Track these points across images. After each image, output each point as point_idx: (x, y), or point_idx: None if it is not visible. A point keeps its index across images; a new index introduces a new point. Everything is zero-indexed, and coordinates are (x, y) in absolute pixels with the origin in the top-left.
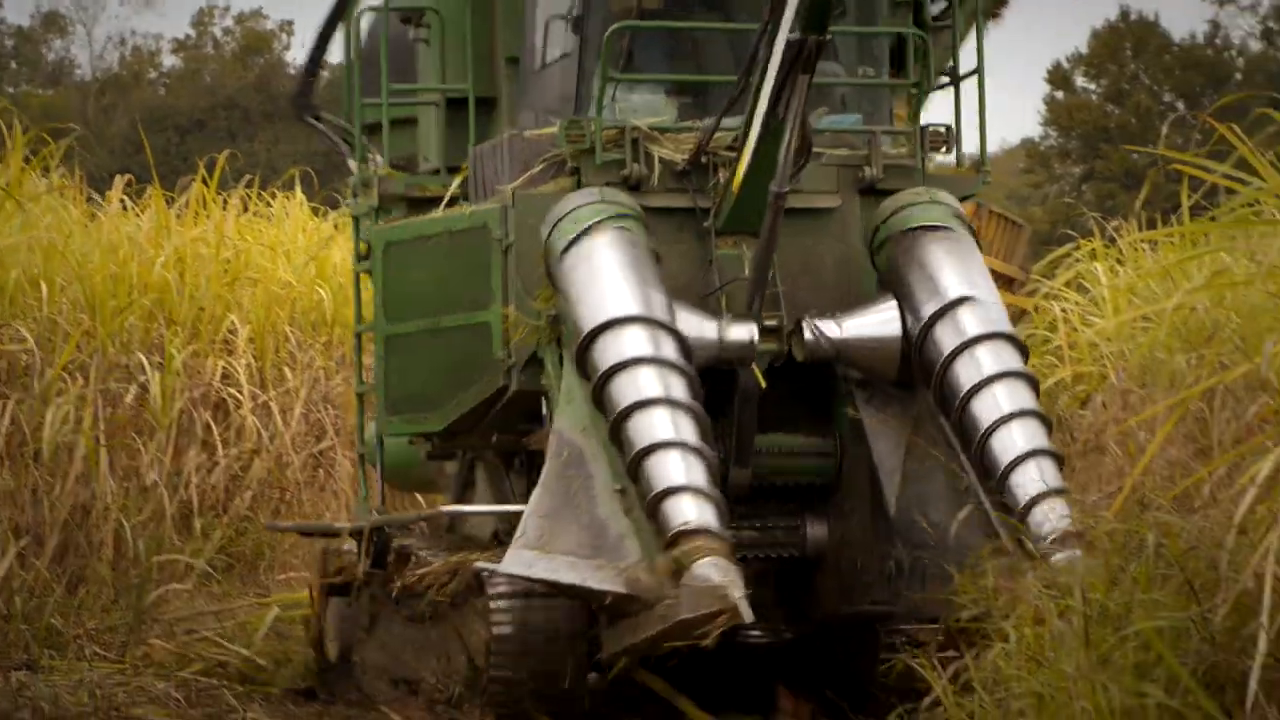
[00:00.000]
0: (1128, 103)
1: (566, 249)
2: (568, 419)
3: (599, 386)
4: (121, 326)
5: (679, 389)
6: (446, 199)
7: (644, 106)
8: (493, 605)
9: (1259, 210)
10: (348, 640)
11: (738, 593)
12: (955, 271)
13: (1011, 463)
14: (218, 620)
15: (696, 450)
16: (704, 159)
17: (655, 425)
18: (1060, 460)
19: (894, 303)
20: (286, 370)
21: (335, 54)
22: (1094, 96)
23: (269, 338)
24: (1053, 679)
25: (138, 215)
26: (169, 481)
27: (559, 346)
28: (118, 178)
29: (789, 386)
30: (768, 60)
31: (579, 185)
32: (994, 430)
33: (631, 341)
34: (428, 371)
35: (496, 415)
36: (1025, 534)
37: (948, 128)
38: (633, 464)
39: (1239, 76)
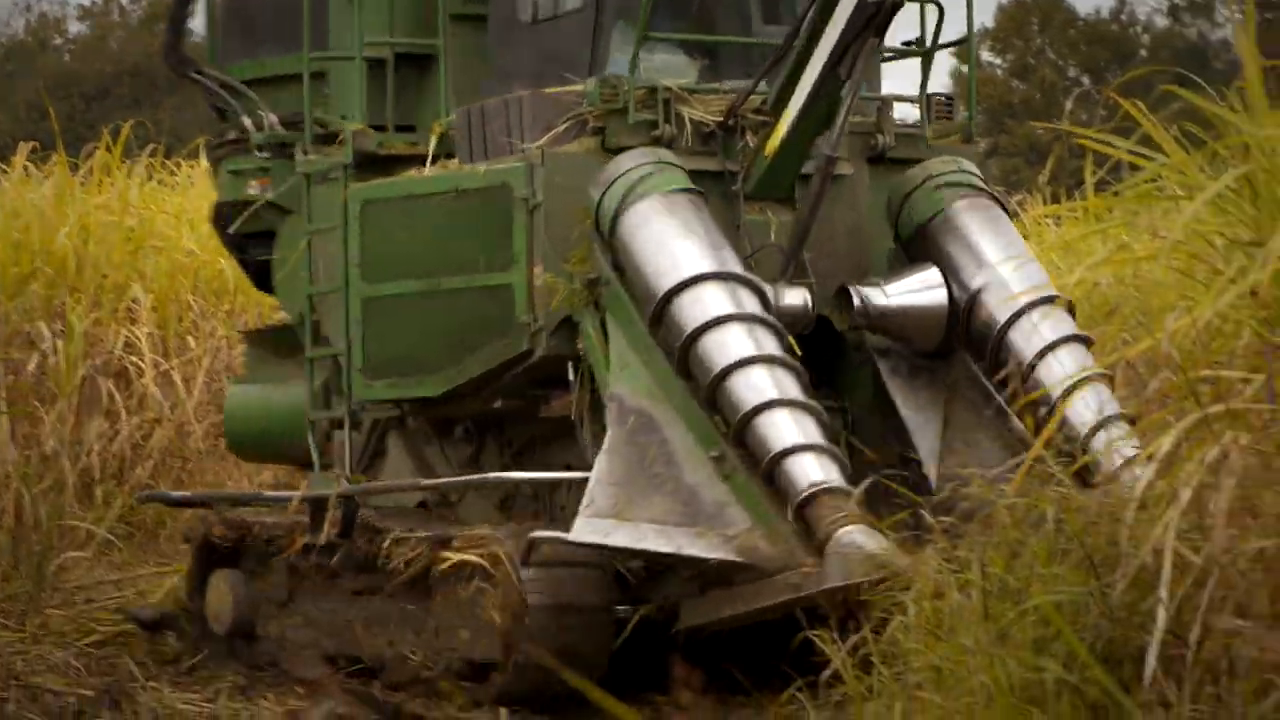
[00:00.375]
0: (1033, 78)
1: (625, 212)
2: (627, 385)
3: (684, 349)
4: (24, 294)
5: (771, 344)
6: (430, 158)
7: (666, 66)
8: (530, 576)
9: (1161, 186)
10: (246, 614)
11: (894, 557)
12: (996, 241)
13: (1092, 428)
14: (118, 589)
15: (805, 406)
16: (731, 122)
17: (757, 384)
18: (1133, 422)
19: (936, 271)
20: (189, 339)
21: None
22: (999, 71)
23: (172, 306)
24: (951, 653)
25: (41, 183)
26: (70, 449)
27: (597, 310)
28: (22, 144)
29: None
30: (822, 22)
31: (604, 145)
32: (1067, 395)
33: (714, 299)
34: (421, 335)
35: (509, 380)
36: None
37: (948, 96)
38: (739, 427)
39: (1144, 53)
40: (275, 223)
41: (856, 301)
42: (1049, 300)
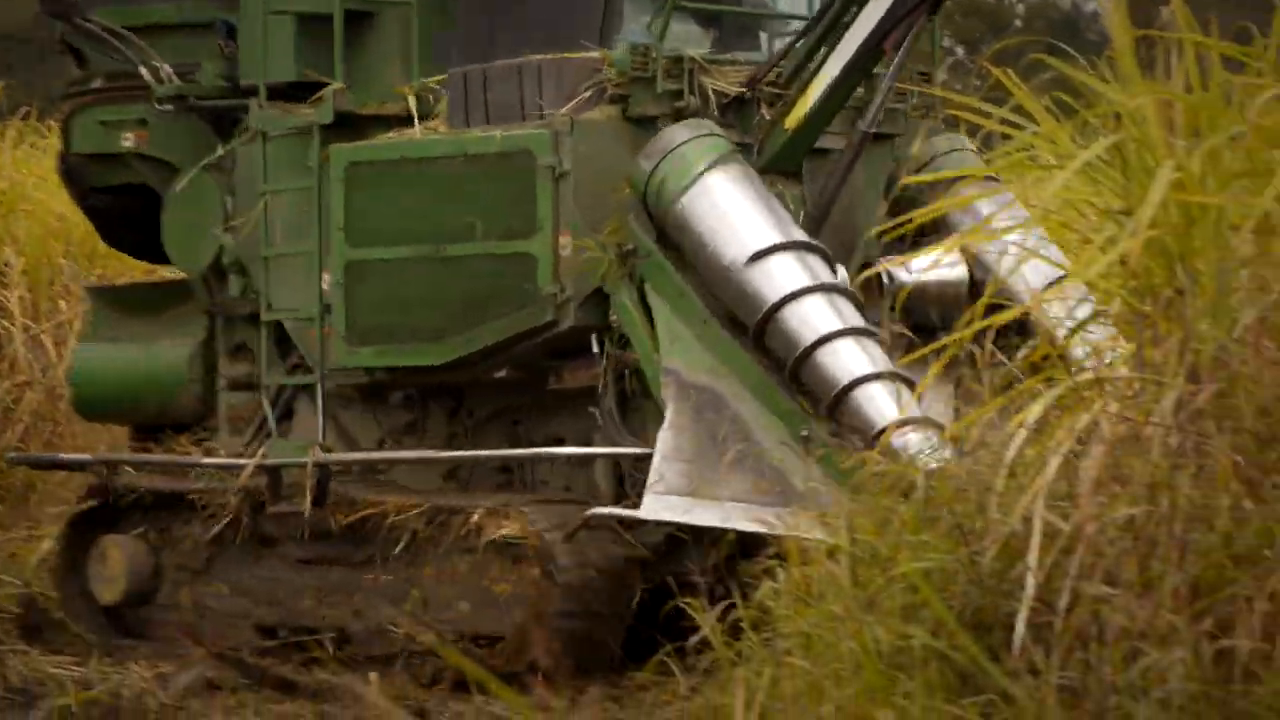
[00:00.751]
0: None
1: (689, 184)
2: (682, 360)
3: (763, 323)
4: None
5: (852, 314)
6: (419, 122)
7: (681, 36)
8: (567, 551)
9: (1034, 156)
10: (144, 582)
11: None
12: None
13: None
14: None
15: (898, 376)
16: (748, 94)
17: (848, 358)
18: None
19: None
20: (61, 302)
21: None
22: None
23: (43, 270)
24: (820, 619)
25: None
26: None
27: (632, 282)
28: None
29: None
30: None
31: (625, 115)
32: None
33: (788, 273)
34: (421, 302)
35: (522, 351)
36: None
37: (924, 70)
38: (834, 403)
39: (1019, 23)
40: (151, 177)
41: (886, 280)
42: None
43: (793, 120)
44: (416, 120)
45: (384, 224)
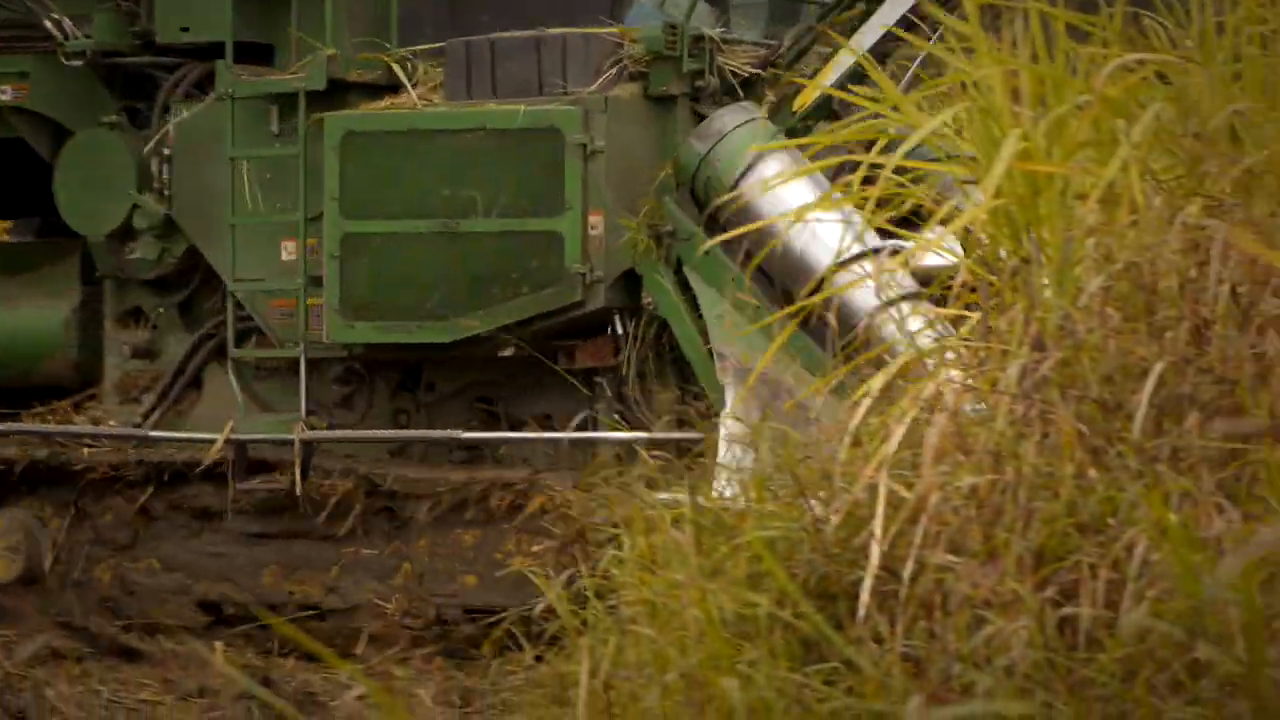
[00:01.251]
0: None
1: (749, 170)
2: (734, 343)
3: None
4: None
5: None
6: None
7: (697, 16)
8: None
9: (880, 125)
10: (37, 560)
11: None
12: None
13: None
14: None
15: None
16: (757, 75)
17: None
18: None
19: None
20: None
21: None
22: None
23: None
24: (664, 587)
25: None
26: None
27: (669, 264)
28: None
29: None
30: None
31: (646, 92)
32: None
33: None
34: (429, 278)
35: (538, 329)
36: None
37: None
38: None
39: None
40: (29, 133)
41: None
42: None
43: (800, 103)
44: (412, 91)
45: (385, 196)
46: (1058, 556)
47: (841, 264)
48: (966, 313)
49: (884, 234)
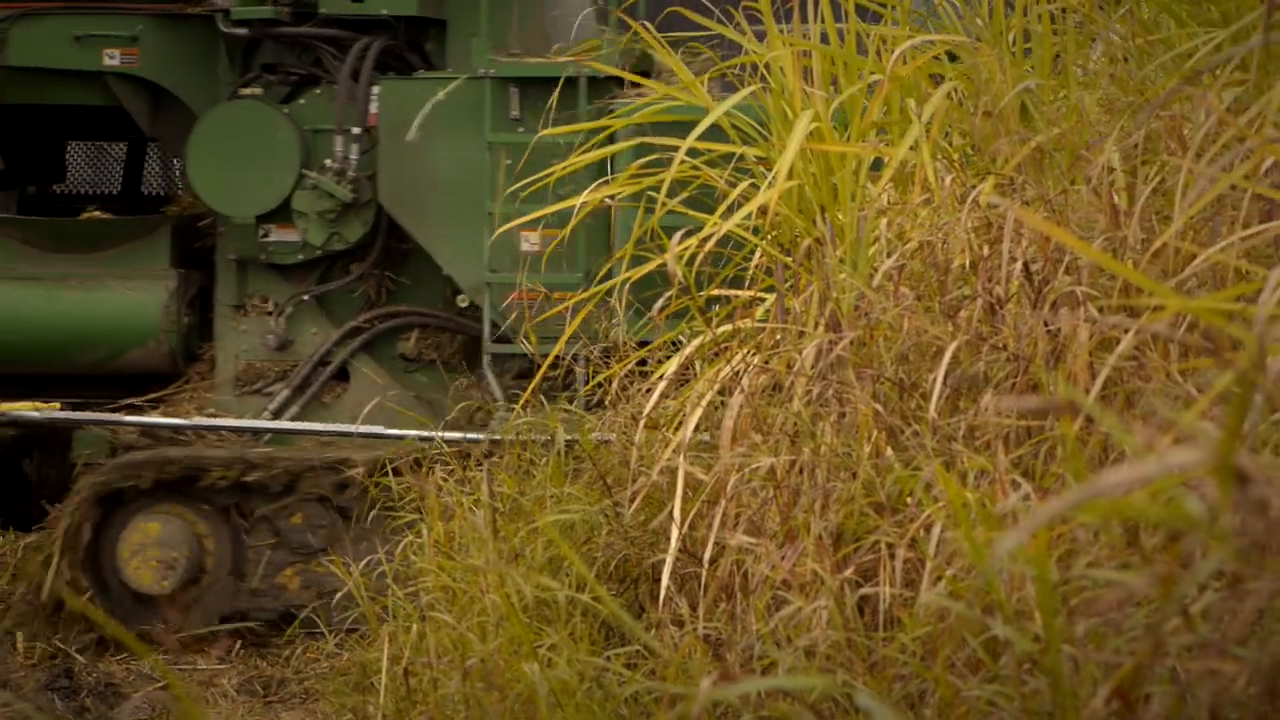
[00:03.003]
0: None
1: None
2: None
3: None
4: None
5: None
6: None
7: None
8: None
9: (672, 109)
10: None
11: None
12: None
13: None
14: None
15: None
16: None
17: None
18: None
19: None
20: None
21: None
22: None
23: None
24: (463, 573)
25: None
26: None
27: None
28: None
29: None
30: None
31: None
32: None
33: None
34: None
35: None
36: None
37: None
38: None
39: None
40: (132, 101)
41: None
42: None
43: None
44: (702, 83)
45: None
46: (856, 536)
47: None
48: (762, 294)
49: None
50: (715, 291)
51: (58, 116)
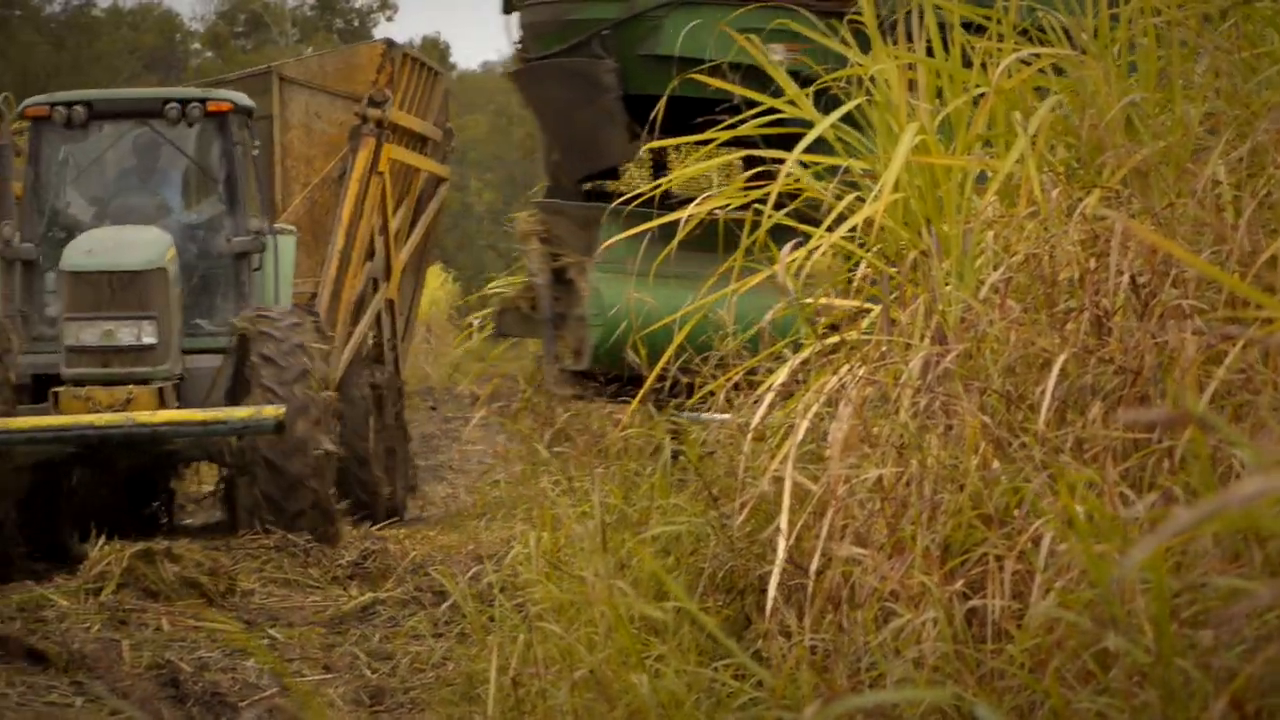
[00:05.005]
0: None
1: None
2: None
3: None
4: None
5: None
6: None
7: None
8: None
9: (779, 120)
10: None
11: None
12: None
13: None
14: None
15: None
16: None
17: None
18: None
19: None
20: None
21: None
22: None
23: None
24: (572, 585)
25: None
26: None
27: None
28: None
29: None
30: None
31: None
32: None
33: None
34: None
35: None
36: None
37: None
38: None
39: None
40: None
41: None
42: None
43: None
44: None
45: None
46: (964, 548)
47: None
48: (868, 305)
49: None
50: (822, 302)
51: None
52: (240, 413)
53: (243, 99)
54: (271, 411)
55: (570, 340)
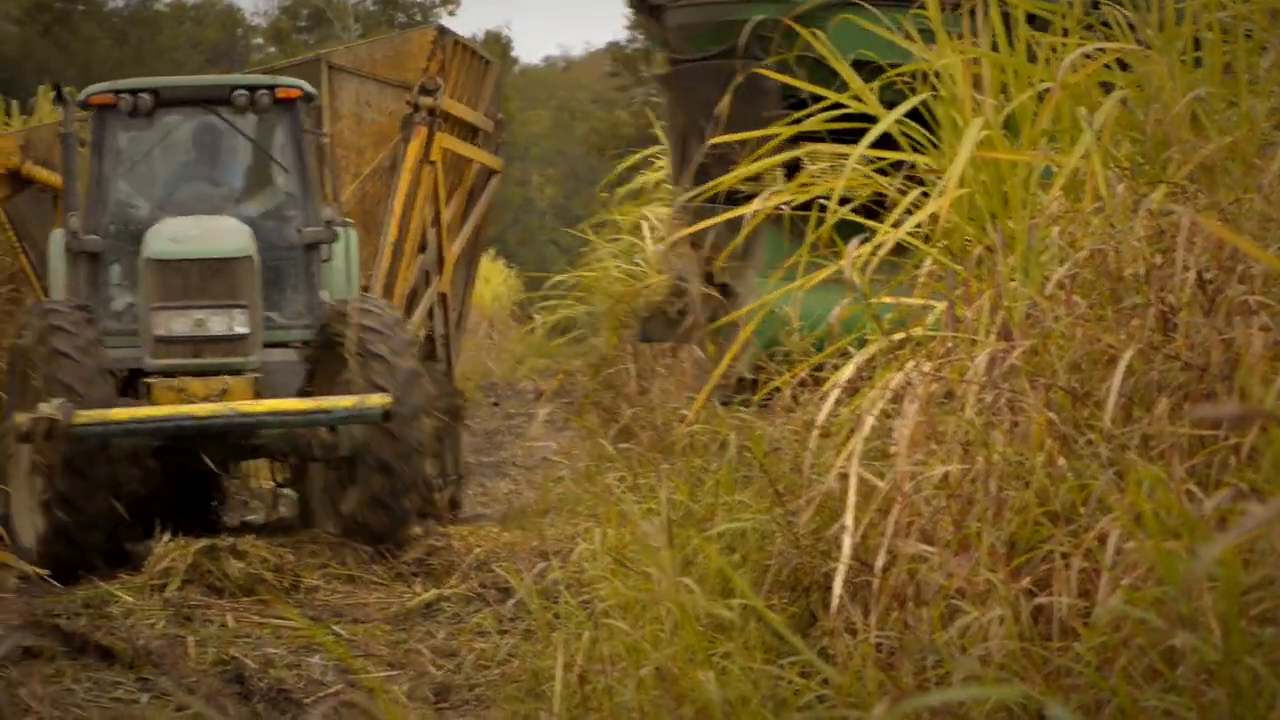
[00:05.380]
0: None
1: None
2: None
3: None
4: None
5: None
6: None
7: None
8: None
9: (842, 115)
10: None
11: None
12: None
13: None
14: None
15: None
16: None
17: None
18: None
19: None
20: None
21: None
22: None
23: None
24: (637, 581)
25: None
26: None
27: None
28: None
29: None
30: None
31: None
32: None
33: None
34: None
35: None
36: None
37: None
38: None
39: None
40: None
41: None
42: None
43: None
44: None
45: None
46: (1030, 546)
47: None
48: (933, 302)
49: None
50: (886, 300)
51: None
52: (344, 402)
53: (308, 86)
54: (378, 400)
55: (726, 346)
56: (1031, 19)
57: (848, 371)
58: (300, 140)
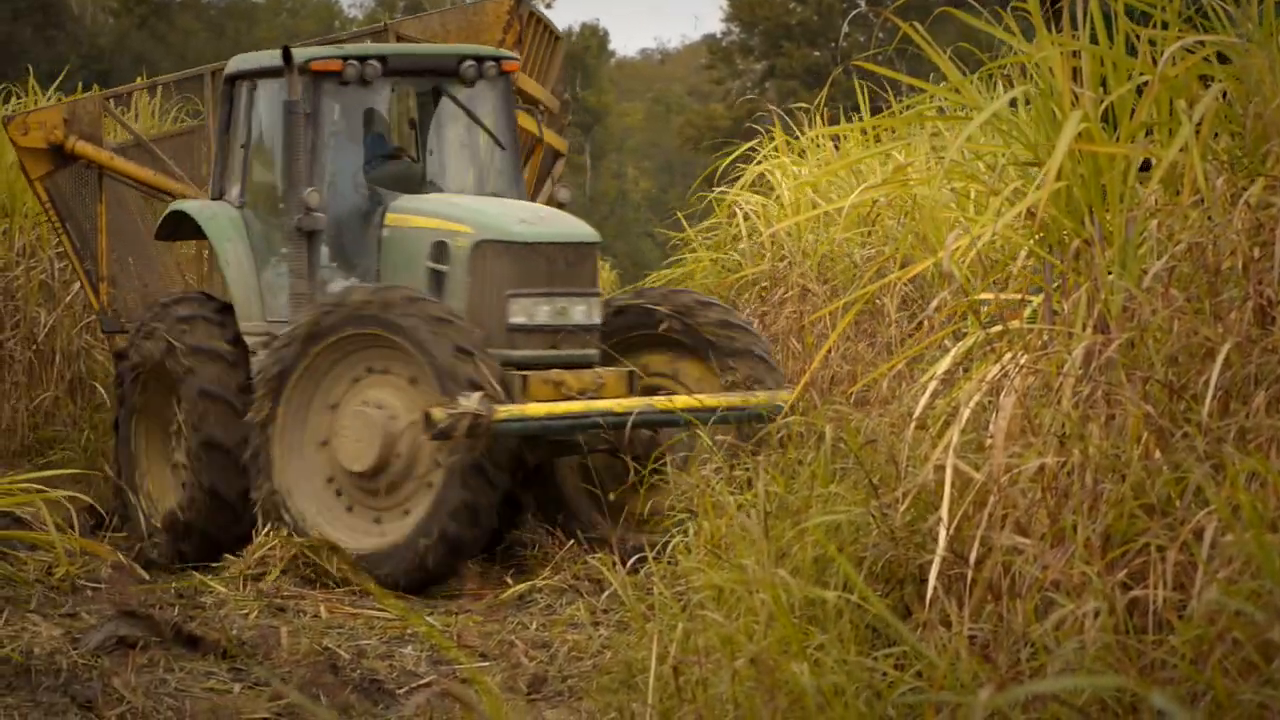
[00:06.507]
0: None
1: None
2: None
3: None
4: None
5: None
6: None
7: None
8: None
9: (940, 108)
10: None
11: None
12: None
13: None
14: None
15: None
16: None
17: None
18: None
19: None
20: None
21: None
22: None
23: None
24: (732, 573)
25: None
26: None
27: None
28: None
29: None
30: None
31: None
32: None
33: None
34: None
35: None
36: None
37: None
38: None
39: None
40: None
41: None
42: None
43: None
44: None
45: None
46: (1126, 539)
47: None
48: (1030, 296)
49: None
50: (983, 296)
51: None
52: (756, 398)
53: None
54: (786, 396)
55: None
56: (1130, 12)
57: (945, 364)
58: (513, 115)
